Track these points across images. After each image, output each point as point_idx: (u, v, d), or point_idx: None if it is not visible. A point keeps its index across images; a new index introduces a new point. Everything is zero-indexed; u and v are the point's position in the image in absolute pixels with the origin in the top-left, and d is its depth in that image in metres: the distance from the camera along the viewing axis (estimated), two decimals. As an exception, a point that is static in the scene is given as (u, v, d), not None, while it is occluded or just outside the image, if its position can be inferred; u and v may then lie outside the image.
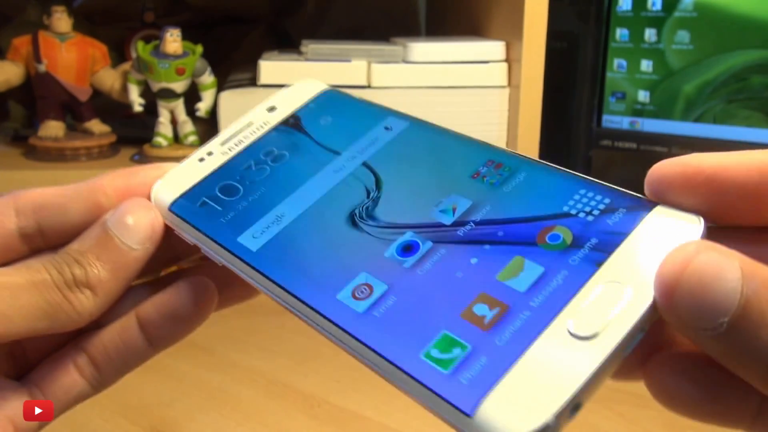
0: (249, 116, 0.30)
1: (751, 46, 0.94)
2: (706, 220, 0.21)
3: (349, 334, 0.22)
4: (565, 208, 0.22)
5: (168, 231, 0.28)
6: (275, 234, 0.26)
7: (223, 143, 0.30)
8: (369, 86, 0.72)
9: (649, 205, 0.22)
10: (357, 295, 0.22)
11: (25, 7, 0.89)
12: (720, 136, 0.97)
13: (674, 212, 0.21)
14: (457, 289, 0.22)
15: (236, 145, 0.29)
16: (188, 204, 0.28)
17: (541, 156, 0.72)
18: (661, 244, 0.20)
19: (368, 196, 0.26)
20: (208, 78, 0.77)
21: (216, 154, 0.29)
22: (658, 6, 0.99)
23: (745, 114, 0.96)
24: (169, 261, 0.30)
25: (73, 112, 0.80)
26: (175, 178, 0.28)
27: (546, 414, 0.18)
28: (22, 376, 0.28)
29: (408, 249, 0.23)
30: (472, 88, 0.73)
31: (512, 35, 0.71)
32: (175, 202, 0.28)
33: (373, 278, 0.23)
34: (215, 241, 0.26)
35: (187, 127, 0.78)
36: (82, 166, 0.76)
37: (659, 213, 0.21)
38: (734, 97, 0.96)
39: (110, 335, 0.28)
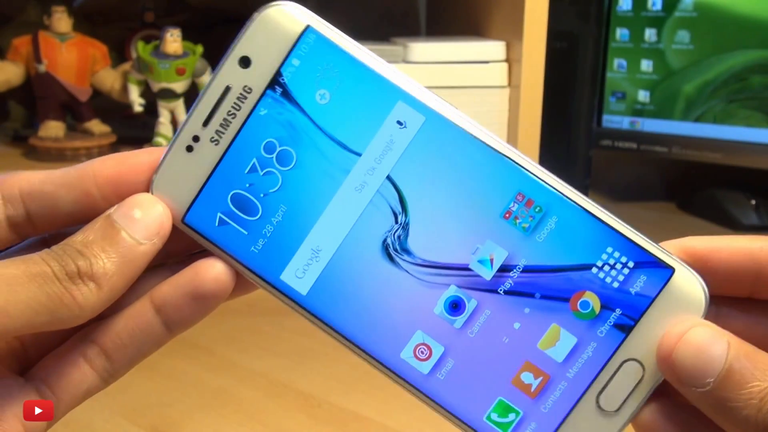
0: (222, 77, 0.25)
1: (752, 46, 0.94)
2: (710, 290, 0.25)
3: (418, 389, 0.26)
4: (599, 263, 0.25)
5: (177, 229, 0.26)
6: (319, 274, 0.26)
7: (205, 123, 0.25)
8: (369, 86, 0.72)
9: (667, 268, 0.25)
10: (418, 355, 0.25)
11: (25, 7, 0.89)
12: (720, 135, 0.97)
13: (687, 279, 0.25)
14: (505, 355, 0.25)
15: (222, 127, 0.25)
16: (204, 220, 0.26)
17: (541, 156, 0.72)
18: (672, 318, 0.24)
19: (396, 220, 0.25)
20: (208, 78, 0.77)
21: (204, 141, 0.26)
22: (658, 6, 0.99)
23: (745, 114, 0.96)
24: (175, 255, 0.28)
25: (73, 112, 0.80)
26: (171, 174, 0.26)
27: None
28: (24, 371, 0.27)
29: (455, 306, 0.25)
30: (472, 88, 0.73)
31: (512, 35, 0.71)
32: (187, 214, 0.26)
33: (430, 338, 0.25)
34: (256, 274, 0.26)
35: (187, 127, 0.78)
36: (83, 167, 0.76)
37: (674, 282, 0.25)
38: (734, 97, 0.96)
39: (123, 322, 0.26)
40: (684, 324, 0.24)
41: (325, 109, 0.25)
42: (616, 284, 0.25)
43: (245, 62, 0.25)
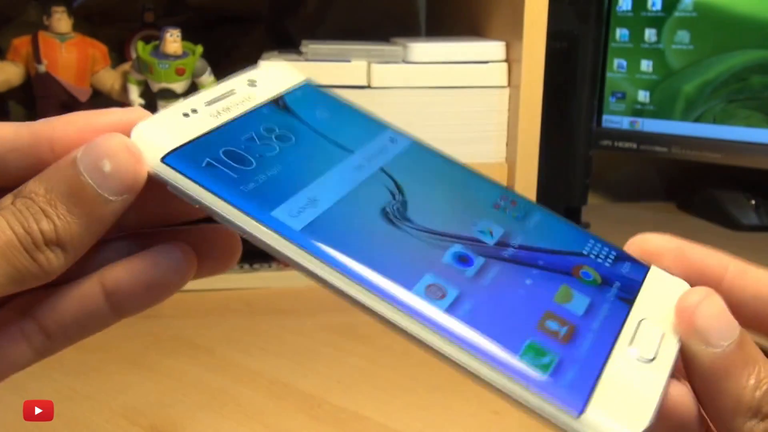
0: (229, 84, 0.26)
1: (751, 46, 0.94)
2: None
3: (436, 329, 0.21)
4: (585, 252, 0.26)
5: (151, 185, 0.23)
6: (316, 217, 0.23)
7: (208, 104, 0.25)
8: (369, 86, 0.72)
9: (644, 263, 0.26)
10: (431, 294, 0.22)
11: (25, 7, 0.89)
12: (720, 136, 0.97)
13: (665, 274, 0.25)
14: (524, 303, 0.23)
15: (224, 110, 0.25)
16: (188, 160, 0.23)
17: (541, 156, 0.72)
18: (671, 294, 0.24)
19: (394, 198, 0.25)
20: (208, 78, 0.77)
21: (202, 114, 0.25)
22: (658, 6, 0.99)
23: (745, 114, 0.96)
24: (143, 220, 0.26)
25: (73, 112, 0.80)
26: (160, 127, 0.24)
27: (646, 419, 0.21)
28: None
29: (463, 260, 0.24)
30: (472, 89, 0.73)
31: (512, 35, 0.71)
32: (169, 154, 0.23)
33: (442, 281, 0.22)
34: (242, 210, 0.23)
35: (187, 127, 0.78)
36: (82, 167, 0.76)
37: (656, 271, 0.26)
38: (734, 97, 0.96)
39: (68, 302, 0.24)
40: (704, 288, 0.24)
41: (322, 122, 0.27)
42: (608, 265, 0.25)
43: (252, 84, 0.27)
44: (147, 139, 0.23)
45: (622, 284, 0.25)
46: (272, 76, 0.28)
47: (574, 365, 0.21)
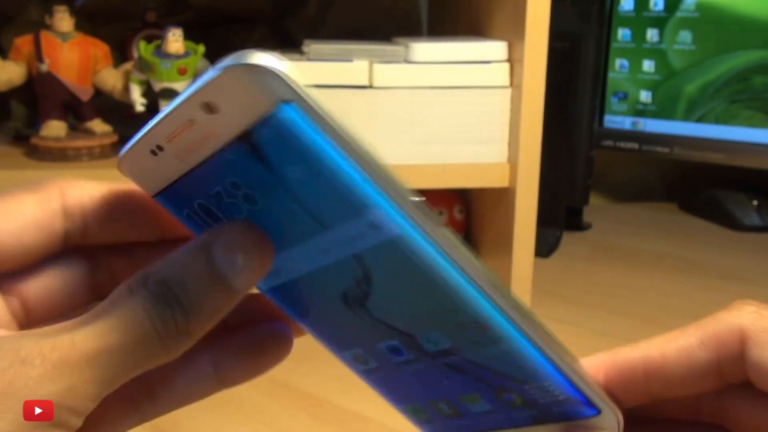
0: (183, 110, 0.21)
1: (754, 46, 0.94)
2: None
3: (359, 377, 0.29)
4: (527, 386, 0.25)
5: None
6: (276, 285, 0.25)
7: (169, 140, 0.22)
8: (371, 86, 0.72)
9: (593, 407, 0.25)
10: (357, 360, 0.28)
11: (27, 6, 0.89)
12: (722, 136, 0.97)
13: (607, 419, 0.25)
14: (430, 387, 0.27)
15: (187, 152, 0.22)
16: (172, 203, 0.24)
17: (543, 156, 0.71)
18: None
19: (358, 287, 0.24)
20: (209, 78, 0.77)
21: (168, 153, 0.22)
22: (660, 6, 0.99)
23: (747, 114, 0.96)
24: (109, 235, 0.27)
25: (74, 111, 0.80)
26: (138, 164, 0.24)
27: None
28: None
29: (396, 351, 0.26)
30: (474, 89, 0.73)
31: (514, 35, 0.71)
32: (160, 194, 0.24)
33: (368, 355, 0.27)
34: None
35: (189, 126, 0.78)
36: (84, 166, 0.76)
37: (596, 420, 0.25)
38: (736, 98, 0.96)
39: (180, 372, 0.27)
40: None
41: (298, 182, 0.21)
42: (543, 401, 0.25)
43: (211, 110, 0.21)
44: (135, 176, 0.24)
45: (544, 411, 0.25)
46: (235, 92, 0.20)
47: (441, 425, 0.28)
